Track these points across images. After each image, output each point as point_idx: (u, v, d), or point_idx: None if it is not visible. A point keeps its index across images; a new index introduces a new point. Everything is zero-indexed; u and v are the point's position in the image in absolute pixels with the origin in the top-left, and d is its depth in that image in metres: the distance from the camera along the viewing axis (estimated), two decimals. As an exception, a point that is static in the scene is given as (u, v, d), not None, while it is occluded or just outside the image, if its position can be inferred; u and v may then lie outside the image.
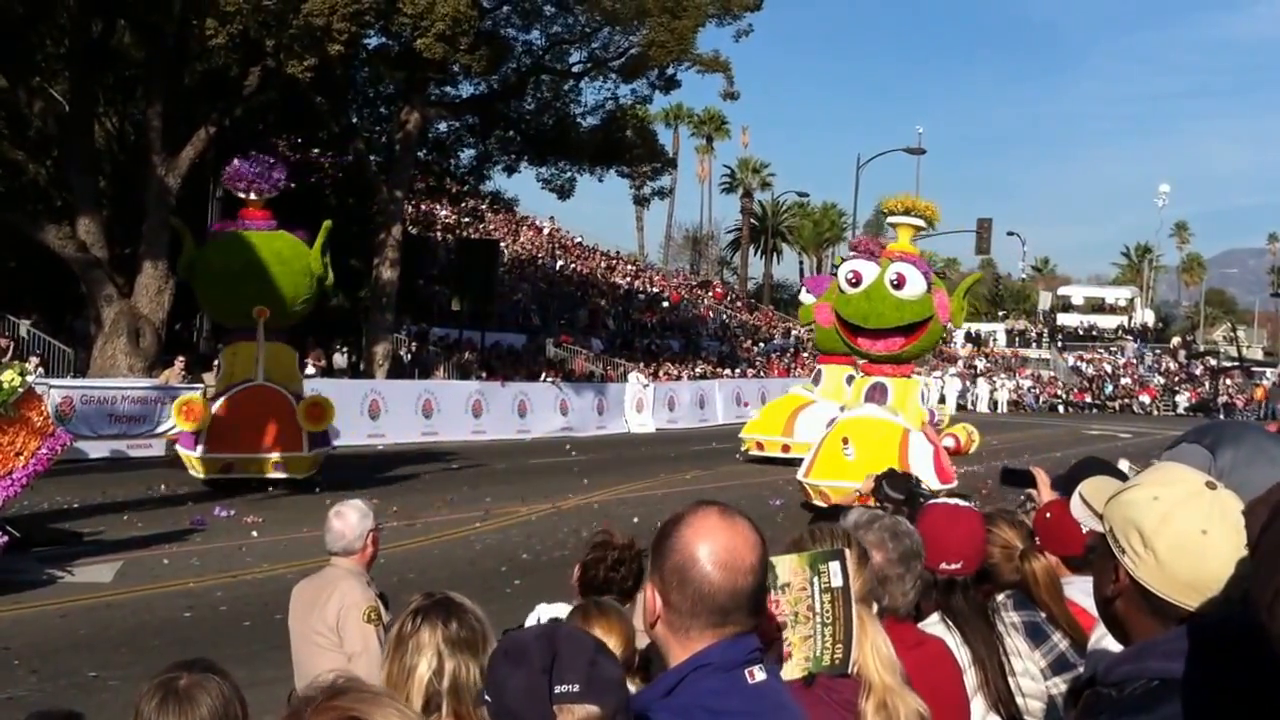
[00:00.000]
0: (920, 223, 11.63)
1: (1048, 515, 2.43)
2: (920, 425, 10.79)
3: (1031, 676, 2.13)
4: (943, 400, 33.56)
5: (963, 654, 2.07)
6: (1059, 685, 2.10)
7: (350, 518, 3.08)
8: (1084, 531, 2.37)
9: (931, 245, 68.26)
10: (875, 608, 1.79)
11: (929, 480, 9.86)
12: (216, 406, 10.46)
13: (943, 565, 2.11)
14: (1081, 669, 2.04)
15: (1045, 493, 2.81)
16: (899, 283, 10.50)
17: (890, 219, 11.67)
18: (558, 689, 1.19)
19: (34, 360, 13.01)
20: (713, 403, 23.41)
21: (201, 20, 14.09)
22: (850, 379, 13.48)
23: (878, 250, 11.49)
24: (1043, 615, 2.24)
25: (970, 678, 2.06)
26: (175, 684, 1.62)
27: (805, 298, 16.65)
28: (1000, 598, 2.28)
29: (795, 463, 11.70)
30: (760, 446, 15.46)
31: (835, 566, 1.54)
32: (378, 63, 19.95)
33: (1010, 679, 2.09)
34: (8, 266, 16.98)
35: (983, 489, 9.42)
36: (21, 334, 15.27)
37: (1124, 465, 2.79)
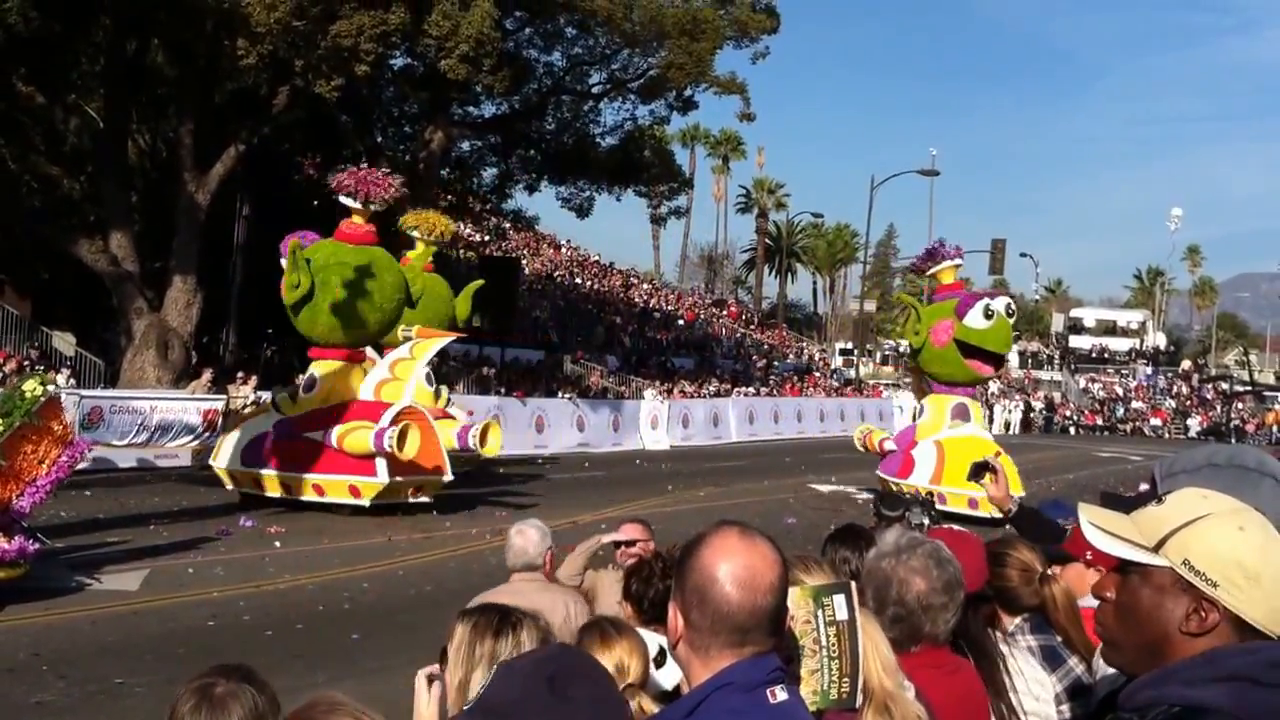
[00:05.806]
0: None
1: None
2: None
3: (1035, 697, 2.10)
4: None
5: None
6: (1074, 710, 2.09)
7: (532, 535, 3.18)
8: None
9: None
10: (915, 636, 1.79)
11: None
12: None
13: None
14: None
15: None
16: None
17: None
18: (561, 710, 1.19)
19: (65, 372, 13.26)
20: (726, 420, 23.40)
21: (233, 40, 14.45)
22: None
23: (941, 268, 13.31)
24: (1059, 639, 2.23)
25: None
26: (211, 690, 1.64)
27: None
28: (1018, 621, 2.27)
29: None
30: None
31: (840, 600, 1.51)
32: (403, 83, 20.31)
33: (1011, 695, 2.06)
34: (42, 279, 17.36)
35: None
36: (54, 345, 15.60)
37: None
